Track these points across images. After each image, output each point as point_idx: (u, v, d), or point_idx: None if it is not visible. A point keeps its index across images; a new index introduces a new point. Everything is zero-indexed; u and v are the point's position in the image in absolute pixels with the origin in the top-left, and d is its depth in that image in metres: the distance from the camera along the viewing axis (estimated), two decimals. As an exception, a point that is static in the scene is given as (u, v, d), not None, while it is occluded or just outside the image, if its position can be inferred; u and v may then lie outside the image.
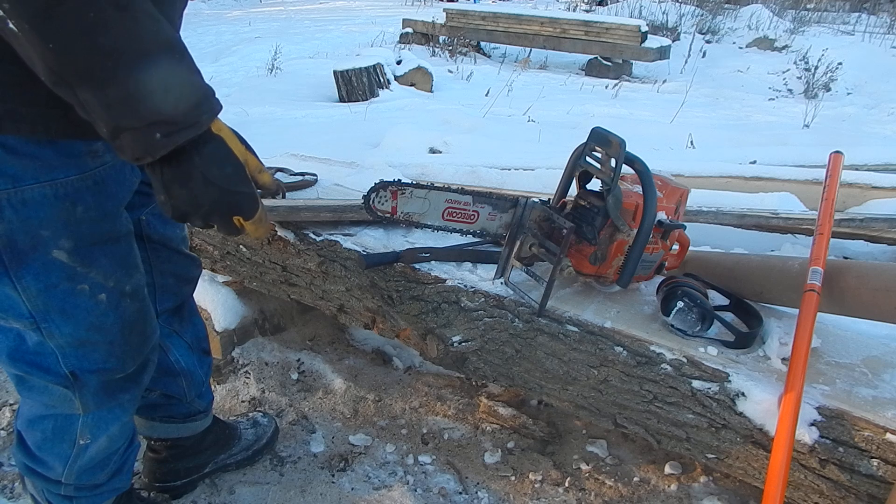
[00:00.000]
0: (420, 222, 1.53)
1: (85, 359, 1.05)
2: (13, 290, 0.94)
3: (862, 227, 2.44)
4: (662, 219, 1.49)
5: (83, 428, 1.15)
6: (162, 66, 0.75)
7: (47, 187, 0.89)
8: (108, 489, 1.29)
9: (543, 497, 1.59)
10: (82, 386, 1.08)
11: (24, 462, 1.21)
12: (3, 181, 0.85)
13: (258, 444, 1.65)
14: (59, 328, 1.00)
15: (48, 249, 0.92)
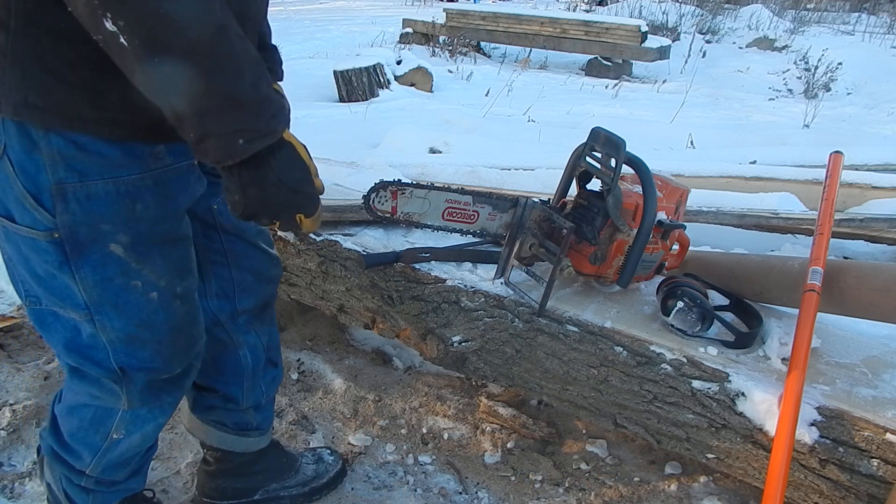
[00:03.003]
0: (420, 222, 1.53)
1: (133, 356, 1.09)
2: (71, 279, 0.98)
3: (862, 227, 2.44)
4: (662, 219, 1.49)
5: (119, 423, 1.16)
6: (249, 83, 0.84)
7: (110, 184, 0.94)
8: (124, 488, 1.29)
9: (543, 497, 1.59)
10: (130, 382, 1.11)
11: (53, 447, 1.23)
12: (70, 175, 0.91)
13: (317, 482, 1.56)
14: (110, 322, 1.04)
15: (107, 243, 0.98)
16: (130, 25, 0.76)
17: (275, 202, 0.95)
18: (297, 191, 0.96)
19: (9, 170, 0.92)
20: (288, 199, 0.96)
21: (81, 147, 0.91)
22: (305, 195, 0.98)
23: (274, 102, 0.89)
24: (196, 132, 0.84)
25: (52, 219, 0.93)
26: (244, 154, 0.88)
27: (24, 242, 0.97)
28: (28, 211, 0.94)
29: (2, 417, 1.65)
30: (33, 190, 0.92)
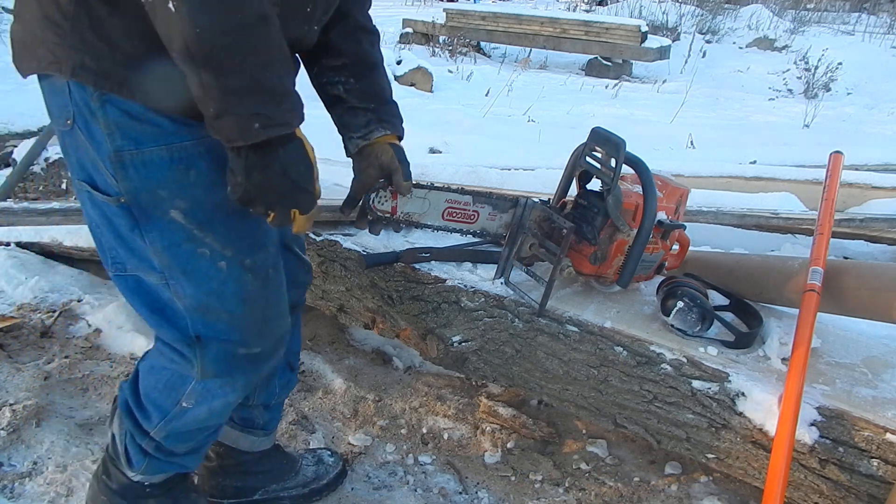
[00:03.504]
0: (420, 222, 1.52)
1: (209, 326, 1.10)
2: (143, 242, 1.02)
3: (862, 227, 2.44)
4: (662, 219, 1.49)
5: (191, 392, 1.17)
6: (276, 74, 0.90)
7: (164, 150, 0.97)
8: (179, 463, 1.29)
9: (543, 497, 1.59)
10: (204, 349, 1.12)
11: (128, 400, 1.25)
12: (127, 143, 0.95)
13: (317, 483, 1.55)
14: (183, 288, 1.06)
15: (166, 209, 1.00)
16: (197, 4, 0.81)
17: (274, 192, 0.97)
18: (297, 185, 0.98)
19: (81, 138, 0.97)
20: (287, 191, 0.98)
21: (134, 116, 0.94)
22: (305, 192, 1.00)
23: (295, 99, 0.93)
24: (216, 107, 0.87)
25: (116, 184, 0.98)
26: (256, 138, 0.90)
27: (106, 207, 1.01)
28: (101, 176, 0.98)
29: (2, 417, 1.65)
30: (101, 155, 0.97)
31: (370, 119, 1.29)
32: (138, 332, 2.05)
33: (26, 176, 2.52)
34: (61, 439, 1.63)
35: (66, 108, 0.96)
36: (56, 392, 1.83)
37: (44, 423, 1.69)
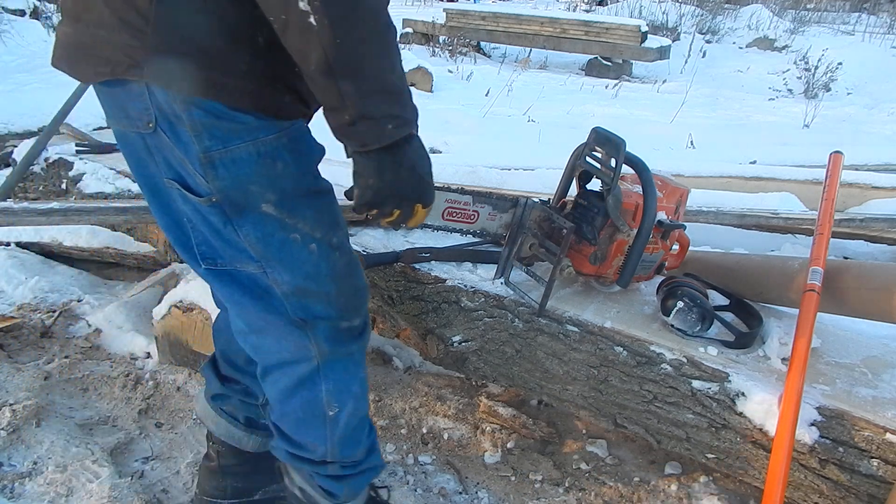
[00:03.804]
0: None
1: (308, 309, 1.13)
2: (237, 237, 1.04)
3: (862, 227, 2.44)
4: (662, 219, 1.49)
5: (327, 395, 1.18)
6: (399, 74, 0.94)
7: (251, 146, 0.98)
8: (367, 467, 1.30)
9: (543, 497, 1.59)
10: (314, 328, 1.14)
11: (287, 450, 1.25)
12: (214, 142, 0.96)
13: None
14: (280, 275, 1.08)
15: (258, 203, 1.02)
16: (326, 5, 0.83)
17: (405, 188, 1.01)
18: (423, 179, 1.03)
19: (165, 140, 0.97)
20: (416, 186, 1.02)
21: (219, 115, 0.95)
22: (430, 185, 1.05)
23: (411, 97, 0.97)
24: (354, 113, 0.91)
25: (207, 185, 0.98)
26: (390, 139, 0.94)
27: (198, 205, 1.03)
28: (191, 177, 0.99)
29: (2, 417, 1.65)
30: (189, 158, 0.97)
31: None
32: (138, 332, 2.05)
33: (26, 176, 2.52)
34: (61, 439, 1.63)
35: (147, 112, 0.96)
36: (56, 392, 1.83)
37: (44, 423, 1.69)
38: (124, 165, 2.44)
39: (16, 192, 2.50)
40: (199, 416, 1.47)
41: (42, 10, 7.11)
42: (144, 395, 1.85)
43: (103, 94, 1.01)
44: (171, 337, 1.90)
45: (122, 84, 0.95)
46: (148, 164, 1.05)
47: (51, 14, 7.13)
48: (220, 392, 1.41)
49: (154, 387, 1.88)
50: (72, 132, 2.77)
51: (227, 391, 1.40)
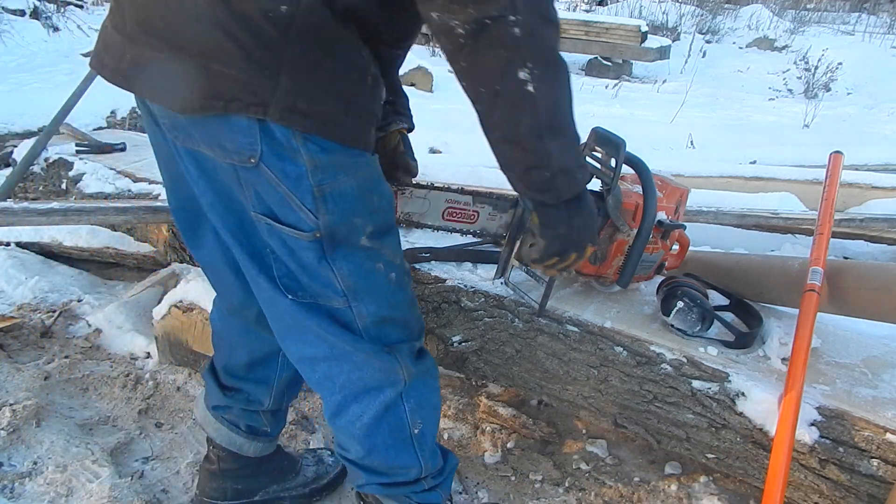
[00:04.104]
0: (420, 222, 1.53)
1: (388, 336, 1.15)
2: (329, 271, 1.05)
3: (862, 227, 2.44)
4: (662, 219, 1.48)
5: (411, 415, 1.19)
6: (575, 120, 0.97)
7: (352, 179, 1.00)
8: (448, 468, 1.31)
9: (543, 497, 1.59)
10: (399, 352, 1.16)
11: (379, 482, 1.24)
12: (325, 177, 0.97)
13: (318, 483, 1.55)
14: (365, 307, 1.10)
15: (359, 236, 1.04)
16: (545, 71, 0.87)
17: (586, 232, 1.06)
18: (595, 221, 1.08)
19: (268, 175, 0.96)
20: (593, 227, 1.07)
21: (329, 151, 0.96)
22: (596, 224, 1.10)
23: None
24: (556, 169, 0.94)
25: (316, 220, 0.99)
26: (582, 186, 1.00)
27: (291, 240, 1.02)
28: (294, 212, 0.98)
29: (2, 417, 1.65)
30: (298, 193, 0.96)
31: (387, 111, 1.33)
32: (138, 332, 2.05)
33: (26, 176, 2.52)
34: (61, 439, 1.63)
35: (252, 147, 0.93)
36: (56, 392, 1.83)
37: (44, 423, 1.69)
38: (124, 165, 2.45)
39: (16, 192, 2.50)
40: (199, 422, 1.47)
41: (42, 10, 7.11)
42: (144, 395, 1.85)
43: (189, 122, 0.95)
44: (171, 337, 1.90)
45: (224, 117, 0.92)
46: (234, 194, 1.03)
47: (51, 14, 7.12)
48: (222, 403, 1.40)
49: (154, 387, 1.88)
50: (72, 132, 2.77)
51: (228, 401, 1.39)
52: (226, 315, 1.36)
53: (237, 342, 1.35)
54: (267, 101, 0.90)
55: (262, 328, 1.28)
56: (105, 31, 1.03)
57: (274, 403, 1.42)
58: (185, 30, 0.90)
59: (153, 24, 0.93)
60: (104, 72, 1.01)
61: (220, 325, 1.38)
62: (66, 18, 7.29)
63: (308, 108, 0.91)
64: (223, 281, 1.27)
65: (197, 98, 0.91)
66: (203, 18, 0.88)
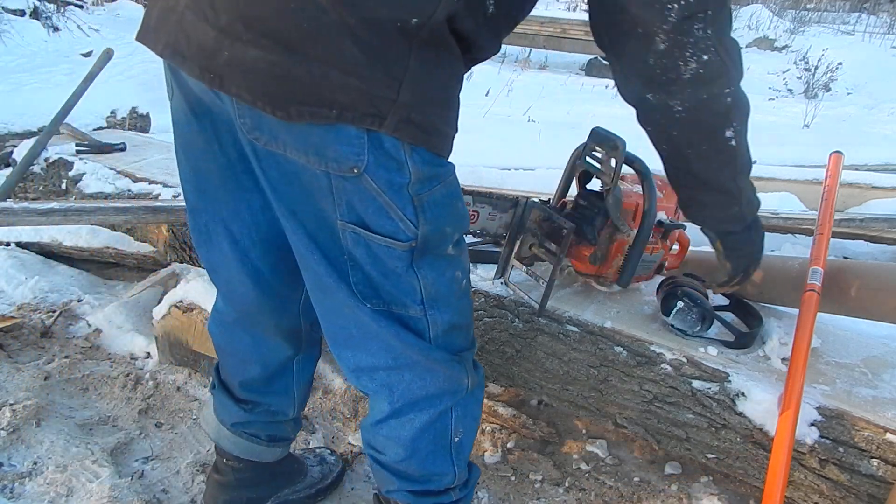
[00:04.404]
0: (420, 222, 1.53)
1: (452, 344, 1.14)
2: (415, 279, 1.04)
3: (862, 227, 2.44)
4: (662, 219, 1.49)
5: (455, 424, 1.19)
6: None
7: (443, 188, 0.99)
8: (472, 479, 1.30)
9: (543, 497, 1.59)
10: (465, 360, 1.17)
11: (410, 489, 1.23)
12: (422, 186, 0.96)
13: (323, 483, 1.54)
14: (440, 315, 1.09)
15: (447, 244, 1.05)
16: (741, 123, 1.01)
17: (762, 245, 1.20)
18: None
19: (369, 185, 0.93)
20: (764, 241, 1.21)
21: (429, 162, 0.96)
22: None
23: None
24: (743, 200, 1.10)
25: (416, 230, 0.98)
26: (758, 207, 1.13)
27: (381, 249, 1.00)
28: (392, 221, 0.96)
29: (2, 417, 1.65)
30: (399, 203, 0.95)
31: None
32: (138, 332, 2.05)
33: (26, 176, 2.52)
34: (61, 439, 1.63)
35: (359, 157, 0.90)
36: (56, 392, 1.83)
37: (44, 423, 1.69)
38: (124, 165, 2.46)
39: (16, 192, 2.50)
40: (213, 438, 1.42)
41: (42, 10, 7.12)
42: (144, 395, 1.85)
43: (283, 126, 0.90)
44: (171, 337, 1.90)
45: (331, 126, 0.88)
46: (319, 202, 0.98)
47: (51, 14, 7.13)
48: (242, 419, 1.36)
49: (154, 387, 1.88)
50: (72, 132, 2.77)
51: (249, 416, 1.36)
52: (231, 327, 1.30)
53: (248, 357, 1.31)
54: (384, 113, 0.87)
55: (275, 335, 1.27)
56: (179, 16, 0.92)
57: (297, 411, 1.41)
58: (307, 34, 0.84)
59: (265, 23, 0.85)
60: (188, 66, 0.92)
61: (224, 339, 1.33)
62: (66, 18, 7.30)
63: (421, 120, 0.91)
64: (236, 288, 1.22)
65: (307, 105, 0.86)
66: (330, 24, 0.83)
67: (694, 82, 0.93)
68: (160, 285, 2.18)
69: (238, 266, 1.17)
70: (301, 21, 0.84)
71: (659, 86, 0.94)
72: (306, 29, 0.84)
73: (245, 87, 0.88)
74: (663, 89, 0.94)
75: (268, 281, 1.18)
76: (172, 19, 0.92)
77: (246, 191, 1.09)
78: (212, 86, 0.90)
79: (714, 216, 1.14)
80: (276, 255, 1.15)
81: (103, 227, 2.36)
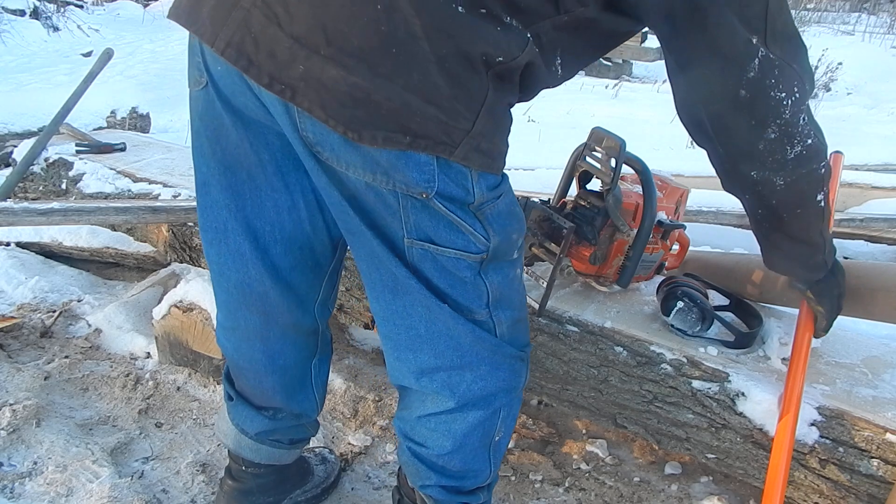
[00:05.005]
0: (420, 222, 1.53)
1: (517, 339, 1.17)
2: (483, 285, 1.06)
3: (862, 227, 2.44)
4: (662, 219, 1.49)
5: (500, 423, 1.20)
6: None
7: (505, 198, 1.03)
8: (493, 479, 1.31)
9: (543, 497, 1.59)
10: (527, 358, 1.21)
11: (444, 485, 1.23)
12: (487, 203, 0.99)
13: (326, 483, 1.55)
14: (503, 313, 1.12)
15: (513, 249, 1.08)
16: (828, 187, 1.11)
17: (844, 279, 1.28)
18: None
19: (438, 207, 0.95)
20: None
21: (491, 184, 0.98)
22: None
23: None
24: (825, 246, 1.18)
25: (487, 243, 1.01)
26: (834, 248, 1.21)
27: (448, 260, 1.01)
28: (463, 235, 0.99)
29: (2, 417, 1.65)
30: (469, 221, 0.98)
31: None
32: (138, 332, 2.05)
33: (26, 176, 2.52)
34: (61, 439, 1.63)
35: (430, 184, 0.91)
36: (56, 392, 1.83)
37: (44, 423, 1.69)
38: (124, 165, 2.46)
39: (16, 192, 2.50)
40: (232, 448, 1.39)
41: (42, 10, 7.12)
42: (144, 395, 1.85)
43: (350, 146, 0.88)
44: (171, 337, 1.90)
45: (402, 153, 0.88)
46: (384, 218, 0.98)
47: (51, 14, 7.13)
48: (266, 428, 1.35)
49: (154, 387, 1.88)
50: (72, 132, 2.77)
51: (274, 424, 1.34)
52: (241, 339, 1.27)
53: (264, 368, 1.29)
54: (457, 142, 0.88)
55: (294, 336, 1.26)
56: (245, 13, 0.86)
57: (320, 408, 1.41)
58: (395, 59, 0.82)
59: (350, 41, 0.82)
60: (254, 72, 0.86)
61: (236, 352, 1.30)
62: (66, 18, 7.30)
63: (488, 148, 0.93)
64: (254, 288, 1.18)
65: (382, 130, 0.85)
66: (420, 52, 0.82)
67: (797, 161, 1.03)
68: (160, 285, 2.18)
69: (257, 263, 1.15)
70: (390, 46, 0.82)
71: (764, 165, 1.03)
72: (395, 54, 0.82)
73: (319, 103, 0.85)
74: (768, 168, 1.03)
75: (286, 279, 1.17)
76: (237, 17, 0.86)
77: (275, 191, 1.08)
78: (283, 97, 0.86)
79: (802, 266, 1.22)
80: (297, 255, 1.16)
81: (103, 227, 2.36)
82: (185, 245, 2.18)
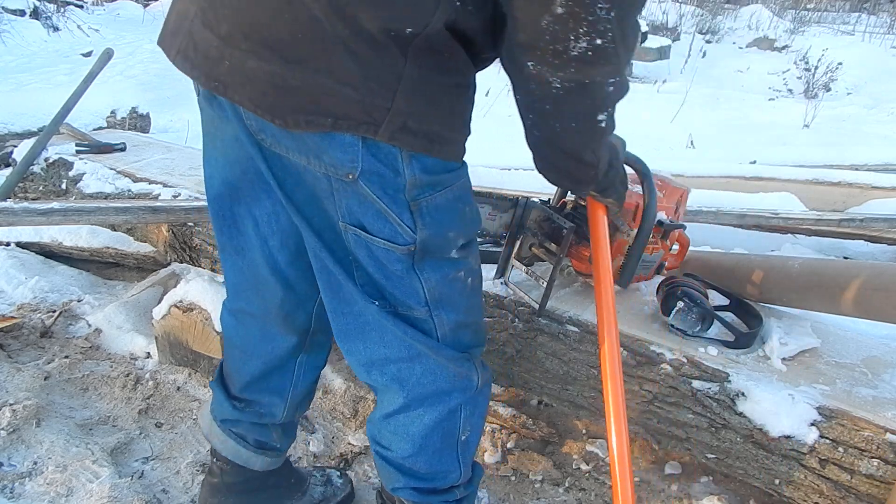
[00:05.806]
0: (420, 222, 1.53)
1: (461, 343, 1.15)
2: (417, 281, 1.05)
3: (862, 227, 2.43)
4: (662, 219, 1.49)
5: (464, 422, 1.20)
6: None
7: (448, 192, 0.99)
8: (476, 478, 1.31)
9: (543, 497, 1.59)
10: (474, 357, 1.18)
11: (414, 486, 1.23)
12: (421, 191, 0.96)
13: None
14: (446, 314, 1.10)
15: (450, 249, 1.05)
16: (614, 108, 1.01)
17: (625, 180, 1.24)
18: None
19: (364, 190, 0.94)
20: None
21: (431, 169, 0.95)
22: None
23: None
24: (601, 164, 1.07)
25: (414, 234, 0.98)
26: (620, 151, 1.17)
27: (380, 251, 1.01)
28: (389, 225, 0.98)
29: (2, 417, 1.65)
30: (396, 209, 0.96)
31: None
32: (138, 332, 2.05)
33: (26, 176, 2.52)
34: (61, 439, 1.63)
35: (353, 164, 0.91)
36: (56, 392, 1.83)
37: (44, 423, 1.69)
38: (124, 165, 2.46)
39: (16, 192, 2.50)
40: (205, 434, 1.42)
41: (42, 10, 7.12)
42: (144, 395, 1.85)
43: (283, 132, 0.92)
44: (171, 337, 1.90)
45: (327, 133, 0.90)
46: (323, 203, 1.01)
47: (51, 14, 7.13)
48: (231, 416, 1.36)
49: (154, 387, 1.88)
50: (72, 132, 2.77)
51: (238, 415, 1.35)
52: (244, 316, 1.30)
53: (252, 349, 1.31)
54: (379, 121, 0.88)
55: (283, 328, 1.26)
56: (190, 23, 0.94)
57: (286, 416, 1.38)
58: (303, 44, 0.86)
59: (262, 33, 0.87)
60: (195, 73, 0.95)
61: (234, 331, 1.33)
62: (66, 18, 7.30)
63: (418, 127, 0.91)
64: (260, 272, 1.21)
65: (303, 114, 0.88)
66: (325, 34, 0.84)
67: (579, 62, 0.85)
68: (160, 285, 2.18)
69: (259, 252, 1.18)
70: (296, 31, 0.85)
71: (542, 55, 0.85)
72: (301, 39, 0.85)
73: (246, 95, 0.90)
74: (545, 61, 0.86)
75: (283, 272, 1.19)
76: (185, 27, 0.95)
77: (266, 182, 1.10)
78: (217, 93, 0.93)
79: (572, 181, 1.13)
80: (293, 251, 1.16)
81: (103, 227, 2.36)
82: (185, 245, 2.18)
